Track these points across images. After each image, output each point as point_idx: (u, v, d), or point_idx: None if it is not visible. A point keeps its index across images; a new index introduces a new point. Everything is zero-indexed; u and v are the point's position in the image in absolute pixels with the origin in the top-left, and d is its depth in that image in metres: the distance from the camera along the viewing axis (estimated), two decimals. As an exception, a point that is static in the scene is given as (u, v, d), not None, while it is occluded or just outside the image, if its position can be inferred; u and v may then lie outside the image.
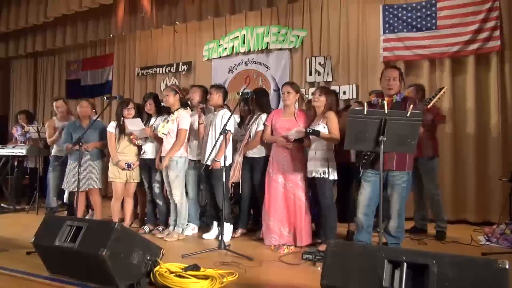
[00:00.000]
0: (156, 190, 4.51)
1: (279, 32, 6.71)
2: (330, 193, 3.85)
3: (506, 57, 5.17)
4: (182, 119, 4.31)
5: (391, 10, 5.76)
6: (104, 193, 5.95)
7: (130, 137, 4.56)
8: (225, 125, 3.76)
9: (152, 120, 4.63)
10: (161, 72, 7.95)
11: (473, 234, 4.32)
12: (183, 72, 7.69)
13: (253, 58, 7.01)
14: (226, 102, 4.45)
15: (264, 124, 4.18)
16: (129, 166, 4.54)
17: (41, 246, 2.93)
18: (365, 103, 3.20)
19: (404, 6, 5.69)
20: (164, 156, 4.26)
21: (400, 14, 5.70)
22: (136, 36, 8.24)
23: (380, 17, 5.82)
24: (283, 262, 3.38)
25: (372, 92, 4.42)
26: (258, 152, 4.28)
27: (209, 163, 4.12)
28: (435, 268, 1.91)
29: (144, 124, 4.53)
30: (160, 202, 4.55)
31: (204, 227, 4.60)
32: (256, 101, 4.35)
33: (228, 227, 4.16)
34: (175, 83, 7.47)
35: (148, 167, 4.55)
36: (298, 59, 6.59)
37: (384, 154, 2.94)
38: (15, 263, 3.17)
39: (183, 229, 4.33)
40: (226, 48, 7.20)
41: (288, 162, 3.94)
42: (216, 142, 3.96)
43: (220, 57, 7.30)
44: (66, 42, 8.13)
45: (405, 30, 5.66)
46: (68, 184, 4.76)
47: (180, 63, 7.73)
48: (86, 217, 4.95)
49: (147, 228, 4.60)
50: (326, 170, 3.73)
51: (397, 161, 3.36)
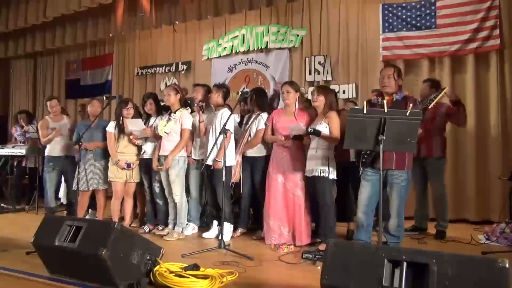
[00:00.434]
0: (156, 190, 4.51)
1: (279, 32, 6.70)
2: (330, 193, 3.85)
3: (506, 56, 5.17)
4: (185, 119, 4.31)
5: (391, 9, 5.76)
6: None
7: (130, 137, 4.56)
8: (225, 125, 3.77)
9: (152, 120, 4.62)
10: (161, 72, 7.95)
11: (473, 233, 4.31)
12: (183, 72, 7.69)
13: (253, 58, 7.00)
14: (226, 102, 4.45)
15: (265, 124, 4.18)
16: (129, 166, 4.53)
17: (41, 246, 2.93)
18: (365, 102, 3.19)
19: (404, 5, 5.69)
20: (166, 155, 4.25)
21: (400, 13, 5.70)
22: (136, 36, 8.24)
23: (380, 16, 5.82)
24: (283, 262, 3.37)
25: (374, 91, 4.40)
26: (258, 152, 4.28)
27: (210, 163, 4.12)
28: (435, 267, 1.91)
29: (144, 124, 4.53)
30: (160, 202, 4.54)
31: (204, 227, 4.60)
32: (256, 101, 4.35)
33: (228, 227, 4.16)
34: (175, 83, 7.48)
35: (148, 167, 4.54)
36: (298, 58, 6.59)
37: (383, 153, 2.94)
38: (15, 263, 3.17)
39: (183, 229, 4.33)
40: (226, 48, 7.19)
41: (288, 162, 3.94)
42: (216, 142, 3.96)
43: (220, 57, 7.30)
44: (66, 42, 8.14)
45: (405, 29, 5.66)
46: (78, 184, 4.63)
47: (180, 63, 7.73)
48: (86, 217, 4.95)
49: (147, 228, 4.60)
50: (327, 169, 3.73)
51: (396, 161, 3.36)
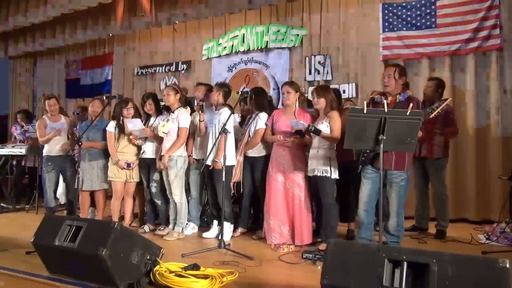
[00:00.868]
0: (153, 190, 4.51)
1: (279, 31, 6.69)
2: (332, 192, 3.84)
3: (506, 55, 5.15)
4: (182, 118, 4.30)
5: (391, 9, 5.75)
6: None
7: (130, 137, 4.55)
8: (224, 125, 3.76)
9: (152, 120, 4.62)
10: (161, 71, 7.94)
11: (473, 233, 4.31)
12: (183, 71, 7.68)
13: (253, 57, 6.99)
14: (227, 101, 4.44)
15: (266, 124, 4.18)
16: (129, 166, 4.53)
17: (41, 246, 2.93)
18: (365, 102, 3.18)
19: (404, 5, 5.68)
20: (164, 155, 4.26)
21: (400, 13, 5.69)
22: (136, 35, 8.22)
23: (380, 16, 5.81)
24: (283, 262, 3.38)
25: (374, 92, 4.39)
26: (258, 152, 4.27)
27: (209, 163, 4.11)
28: (436, 267, 1.91)
29: (144, 124, 4.52)
30: (159, 202, 4.54)
31: (204, 226, 4.60)
32: (255, 100, 4.34)
33: (228, 227, 4.16)
34: (175, 82, 7.47)
35: (148, 167, 4.54)
36: (298, 58, 6.58)
37: (383, 154, 2.94)
38: (15, 263, 3.17)
39: (183, 228, 4.32)
40: (226, 47, 7.18)
41: (288, 161, 3.94)
42: (216, 142, 3.96)
43: (220, 56, 7.29)
44: (66, 42, 8.12)
45: (405, 29, 5.65)
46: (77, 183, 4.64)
47: (180, 62, 7.72)
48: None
49: (147, 228, 4.60)
50: (328, 169, 3.73)
51: (396, 161, 3.36)
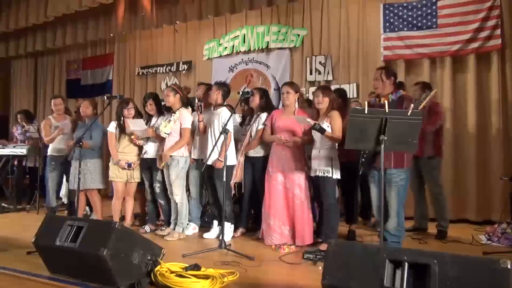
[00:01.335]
0: (157, 190, 4.51)
1: (280, 31, 6.70)
2: (333, 193, 3.84)
3: (507, 56, 5.16)
4: (184, 119, 4.30)
5: (392, 9, 5.75)
6: (105, 193, 5.94)
7: (131, 137, 4.55)
8: (225, 125, 3.76)
9: (153, 120, 4.62)
10: (162, 72, 7.94)
11: (474, 233, 4.31)
12: (184, 72, 7.69)
13: (254, 57, 7.00)
14: (227, 102, 4.44)
15: (264, 124, 4.18)
16: (130, 166, 4.53)
17: (42, 246, 2.93)
18: (366, 103, 3.19)
19: (405, 5, 5.68)
20: (170, 155, 4.25)
21: (401, 13, 5.69)
22: (136, 36, 8.23)
23: (381, 16, 5.81)
24: (284, 262, 3.37)
25: (372, 93, 4.41)
26: (259, 152, 4.28)
27: (210, 163, 4.11)
28: (437, 268, 1.90)
29: (145, 124, 4.52)
30: (162, 202, 4.54)
31: (205, 227, 4.60)
32: (265, 102, 4.34)
33: (229, 227, 4.16)
34: (176, 83, 7.47)
35: (149, 167, 4.54)
36: (299, 58, 6.59)
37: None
38: (16, 263, 3.16)
39: (184, 229, 4.32)
40: (227, 47, 7.19)
41: (288, 161, 3.93)
42: (217, 142, 3.96)
43: (221, 56, 7.29)
44: (66, 42, 8.14)
45: (406, 29, 5.65)
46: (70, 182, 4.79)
47: (181, 63, 7.72)
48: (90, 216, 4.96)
49: (148, 228, 4.60)
50: (330, 169, 3.73)
51: (395, 160, 3.35)
